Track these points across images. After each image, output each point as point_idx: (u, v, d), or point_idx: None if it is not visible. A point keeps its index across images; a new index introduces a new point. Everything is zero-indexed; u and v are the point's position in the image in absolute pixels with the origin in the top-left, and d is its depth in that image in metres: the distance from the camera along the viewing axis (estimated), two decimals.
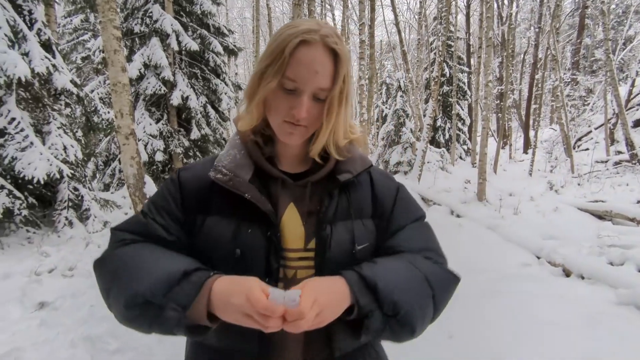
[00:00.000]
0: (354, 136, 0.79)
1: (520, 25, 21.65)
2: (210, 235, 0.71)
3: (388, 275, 0.68)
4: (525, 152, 17.66)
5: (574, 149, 13.27)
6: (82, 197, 5.11)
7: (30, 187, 4.65)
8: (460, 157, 15.86)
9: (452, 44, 14.57)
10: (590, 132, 13.98)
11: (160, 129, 8.17)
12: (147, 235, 0.74)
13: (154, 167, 8.20)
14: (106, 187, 8.07)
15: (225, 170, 0.73)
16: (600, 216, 5.96)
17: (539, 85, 16.49)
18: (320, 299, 0.59)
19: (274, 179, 0.76)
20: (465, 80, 16.31)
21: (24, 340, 2.70)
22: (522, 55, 22.13)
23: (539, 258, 4.13)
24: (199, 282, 0.62)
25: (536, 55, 16.82)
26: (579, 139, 14.56)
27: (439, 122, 15.46)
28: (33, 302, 3.29)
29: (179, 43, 8.00)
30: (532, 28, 18.38)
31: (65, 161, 4.81)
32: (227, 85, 9.32)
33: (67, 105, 5.57)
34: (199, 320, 0.62)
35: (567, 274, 3.69)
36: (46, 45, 4.99)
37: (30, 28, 4.84)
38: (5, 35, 4.31)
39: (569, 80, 16.68)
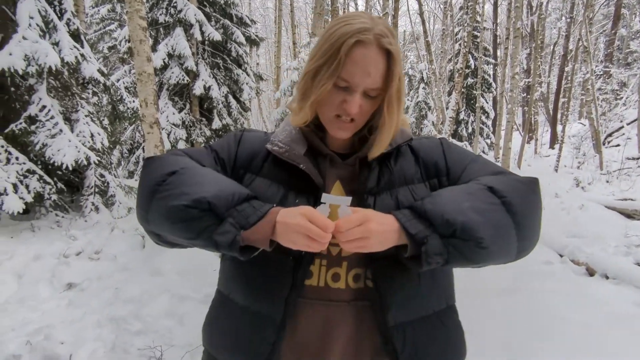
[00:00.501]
0: (403, 119, 0.81)
1: (550, 15, 20.80)
2: (257, 194, 0.72)
3: (440, 198, 0.66)
4: (551, 147, 17.10)
5: (604, 144, 12.76)
6: (108, 183, 5.28)
7: (59, 172, 4.84)
8: (483, 152, 15.52)
9: (478, 34, 14.16)
10: (622, 127, 13.39)
11: (182, 119, 8.32)
12: (199, 162, 0.75)
13: None
14: (130, 175, 8.31)
15: (282, 143, 0.77)
16: (629, 215, 5.73)
17: (569, 78, 15.88)
18: (370, 225, 0.61)
19: (323, 156, 0.78)
20: (491, 72, 15.87)
21: (54, 319, 2.84)
22: (551, 47, 21.30)
23: (561, 256, 4.02)
24: (264, 208, 0.65)
25: (567, 47, 16.16)
26: (610, 135, 13.99)
27: (462, 115, 15.14)
28: (62, 282, 3.44)
29: (202, 33, 8.08)
30: (563, 18, 17.65)
31: (92, 148, 4.97)
32: (248, 75, 9.37)
33: (94, 94, 5.74)
34: (254, 242, 0.64)
35: (591, 273, 3.58)
36: (75, 35, 5.13)
37: (60, 18, 4.98)
38: (37, 25, 4.45)
39: (601, 72, 15.98)
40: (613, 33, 16.38)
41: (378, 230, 0.61)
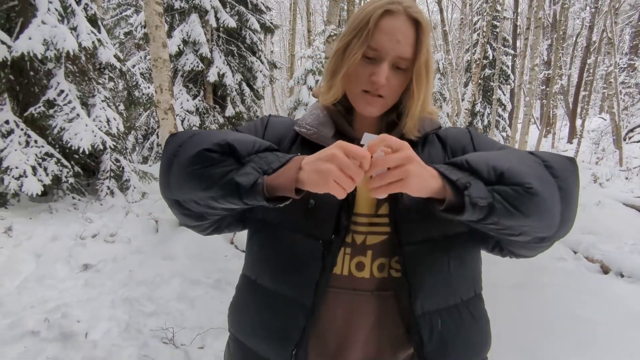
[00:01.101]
0: (432, 110, 0.80)
1: (574, 5, 20.11)
2: None
3: (480, 154, 0.65)
4: (569, 141, 16.70)
5: (624, 140, 12.41)
6: (123, 168, 5.37)
7: (76, 156, 4.93)
8: None
9: (498, 24, 13.78)
10: None
11: (196, 105, 8.36)
12: None
13: None
14: (144, 160, 8.43)
15: (309, 126, 0.76)
16: None
17: (591, 70, 15.39)
18: (410, 167, 0.55)
19: (351, 140, 0.71)
20: (510, 64, 15.47)
21: (70, 298, 2.93)
22: (574, 38, 20.64)
23: (575, 253, 3.96)
24: (287, 156, 0.63)
25: (590, 38, 15.64)
26: (631, 130, 13.58)
27: (477, 107, 14.86)
28: (78, 263, 3.54)
29: (217, 20, 8.06)
30: (587, 8, 17.03)
31: (108, 133, 5.04)
32: (262, 63, 9.34)
33: (110, 79, 5.80)
34: (278, 189, 0.60)
35: (605, 271, 3.52)
36: (92, 20, 5.18)
37: (78, 3, 5.02)
38: (56, 9, 4.50)
39: (625, 65, 15.45)
40: None
41: (417, 172, 0.56)
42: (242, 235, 4.01)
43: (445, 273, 0.71)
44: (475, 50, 10.90)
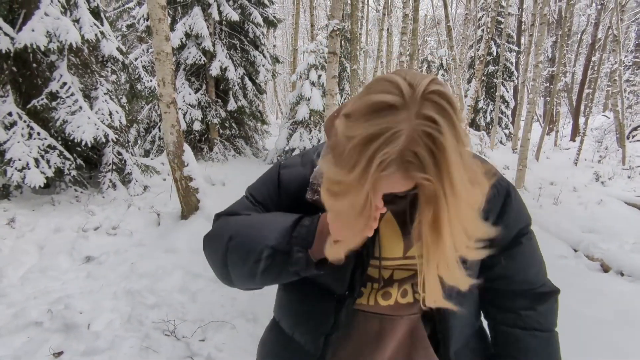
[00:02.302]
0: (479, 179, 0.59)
1: (580, 1, 19.92)
2: None
3: None
4: (572, 139, 16.62)
5: (628, 139, 12.34)
6: (125, 161, 5.38)
7: (79, 149, 4.94)
8: (501, 142, 15.20)
9: (503, 20, 13.68)
10: None
11: (198, 99, 8.35)
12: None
13: (192, 136, 8.45)
14: (146, 153, 8.43)
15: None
16: None
17: (595, 68, 15.30)
18: None
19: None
20: (513, 60, 15.38)
21: (73, 289, 2.95)
22: (579, 35, 20.47)
23: (576, 251, 3.97)
24: (312, 222, 0.66)
25: (595, 35, 15.50)
26: (635, 129, 13.51)
27: (480, 104, 14.80)
28: (81, 255, 3.56)
29: (220, 13, 8.02)
30: (593, 4, 16.87)
31: (110, 126, 5.05)
32: (265, 57, 9.30)
33: (113, 72, 5.79)
34: (322, 254, 0.63)
35: (606, 269, 3.53)
36: (95, 13, 5.16)
37: None
38: (59, 1, 4.49)
39: (630, 63, 15.34)
40: None
41: None
42: None
43: (468, 313, 0.77)
44: (479, 47, 10.84)
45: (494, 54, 14.43)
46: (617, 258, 3.52)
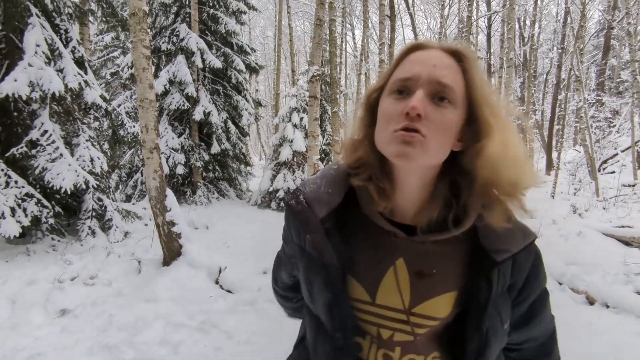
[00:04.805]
0: (527, 187, 0.60)
1: (542, 46, 21.44)
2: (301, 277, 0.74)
3: None
4: (547, 173, 17.21)
5: (599, 171, 12.87)
6: (106, 207, 5.27)
7: (58, 196, 4.83)
8: None
9: None
10: (617, 154, 13.57)
11: (182, 143, 8.39)
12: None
13: (175, 179, 8.40)
14: (128, 198, 8.29)
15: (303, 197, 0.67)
16: (627, 242, 5.73)
17: (562, 105, 16.18)
18: None
19: (386, 233, 0.62)
20: None
21: (46, 346, 2.78)
22: (544, 76, 21.84)
23: (560, 284, 4.00)
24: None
25: (559, 76, 16.57)
26: (605, 162, 14.13)
27: None
28: (55, 308, 3.38)
29: (204, 61, 8.28)
30: (555, 48, 18.18)
31: (91, 172, 4.99)
32: (248, 101, 9.53)
33: (95, 119, 5.81)
34: None
35: (591, 302, 3.55)
36: (79, 62, 5.25)
37: (66, 46, 5.11)
38: (43, 52, 4.57)
39: (594, 101, 16.32)
40: (603, 63, 16.87)
41: None
42: (227, 275, 3.92)
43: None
44: None
45: None
46: (600, 290, 3.56)
